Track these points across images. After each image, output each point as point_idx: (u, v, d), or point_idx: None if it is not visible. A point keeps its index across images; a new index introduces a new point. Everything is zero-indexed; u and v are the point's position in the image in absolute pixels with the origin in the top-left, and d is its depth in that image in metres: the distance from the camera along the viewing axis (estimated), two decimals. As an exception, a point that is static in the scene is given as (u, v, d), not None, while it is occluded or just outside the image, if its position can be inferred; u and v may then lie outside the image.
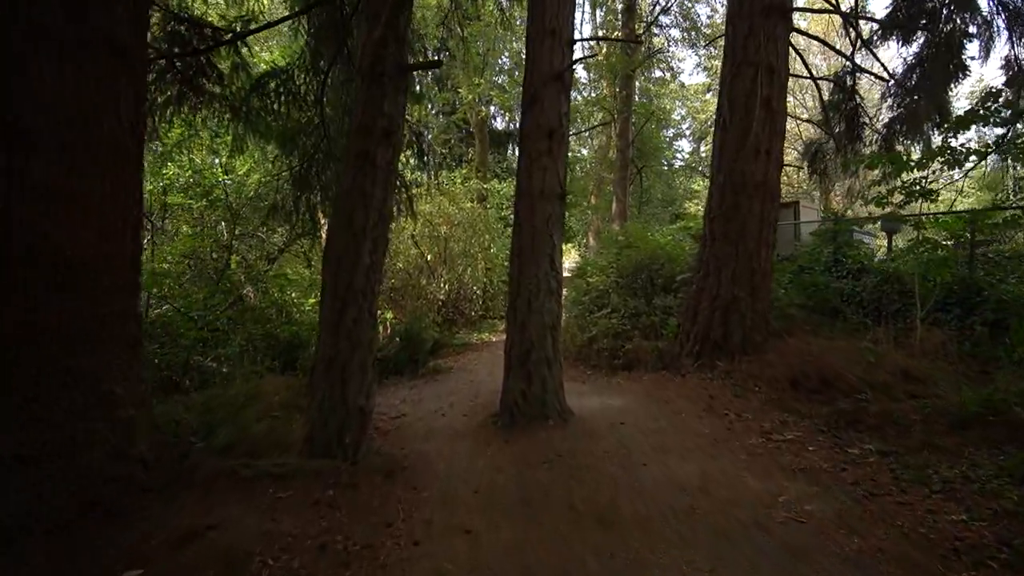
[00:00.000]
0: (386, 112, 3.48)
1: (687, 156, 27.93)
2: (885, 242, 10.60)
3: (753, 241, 6.28)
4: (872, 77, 10.06)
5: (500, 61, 16.09)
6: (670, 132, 25.00)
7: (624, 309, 8.10)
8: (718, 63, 27.85)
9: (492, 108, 18.80)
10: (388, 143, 3.50)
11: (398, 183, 6.84)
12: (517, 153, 4.44)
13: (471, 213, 11.21)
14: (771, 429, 4.39)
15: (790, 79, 7.12)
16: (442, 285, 11.10)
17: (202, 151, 8.24)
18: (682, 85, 22.92)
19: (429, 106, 17.37)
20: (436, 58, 7.65)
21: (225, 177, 8.17)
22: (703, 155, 25.40)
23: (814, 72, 9.53)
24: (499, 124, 23.71)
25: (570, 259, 27.21)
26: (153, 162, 9.24)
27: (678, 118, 24.27)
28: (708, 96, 25.72)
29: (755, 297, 6.28)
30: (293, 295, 9.01)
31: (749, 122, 6.23)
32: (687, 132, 28.56)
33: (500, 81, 15.88)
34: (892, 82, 9.94)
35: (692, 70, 44.24)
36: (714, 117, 7.11)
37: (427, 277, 11.46)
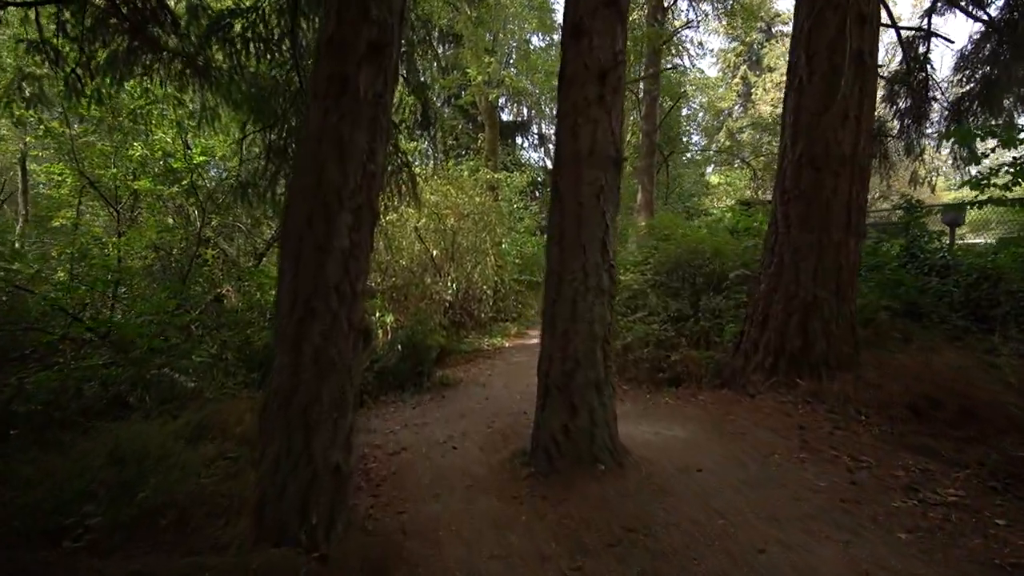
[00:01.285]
0: (374, 16, 2.28)
1: (698, 151, 26.58)
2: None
3: (839, 229, 5.03)
4: (944, 43, 8.78)
5: (512, 42, 14.90)
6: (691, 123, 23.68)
7: (664, 312, 6.87)
8: (731, 55, 26.59)
9: (501, 95, 17.60)
10: (376, 63, 2.30)
11: (399, 156, 5.65)
12: (556, 110, 3.22)
13: (482, 204, 10.01)
14: (914, 482, 3.15)
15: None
16: (450, 284, 9.89)
17: (171, 127, 7.07)
18: (701, 72, 21.59)
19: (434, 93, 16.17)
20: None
21: (200, 157, 6.99)
22: (714, 149, 24.07)
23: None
24: (506, 116, 22.55)
25: None
26: (121, 141, 8.09)
27: (696, 107, 22.95)
28: (721, 90, 24.44)
29: (841, 298, 5.03)
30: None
31: (835, 81, 4.99)
32: (700, 123, 27.16)
33: (511, 62, 14.67)
34: (965, 50, 8.68)
35: (710, 63, 43.03)
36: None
37: (433, 275, 10.25)
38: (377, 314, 8.82)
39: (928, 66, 8.20)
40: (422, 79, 5.59)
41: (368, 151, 2.29)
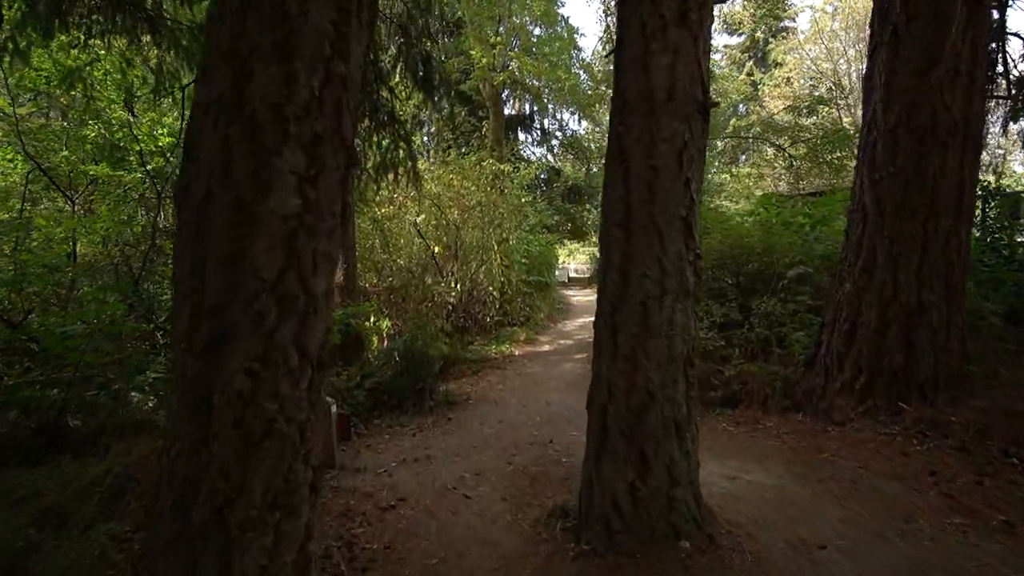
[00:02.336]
0: None
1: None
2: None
3: (948, 215, 4.01)
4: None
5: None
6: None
7: (708, 317, 5.84)
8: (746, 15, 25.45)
9: (504, 88, 16.54)
10: None
11: (395, 128, 4.63)
12: (616, 46, 2.16)
13: (488, 195, 8.96)
14: None
15: None
16: (453, 285, 8.85)
17: (119, 95, 5.99)
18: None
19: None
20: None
21: (166, 139, 5.93)
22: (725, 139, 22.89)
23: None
24: (507, 110, 21.52)
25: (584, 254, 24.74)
26: (75, 119, 7.02)
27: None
28: (732, 83, 23.39)
29: (951, 303, 4.01)
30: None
31: (941, 28, 3.97)
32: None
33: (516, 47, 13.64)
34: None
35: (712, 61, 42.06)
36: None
37: (434, 275, 9.21)
38: (372, 319, 7.78)
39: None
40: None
41: (335, 38, 1.26)
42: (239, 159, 1.17)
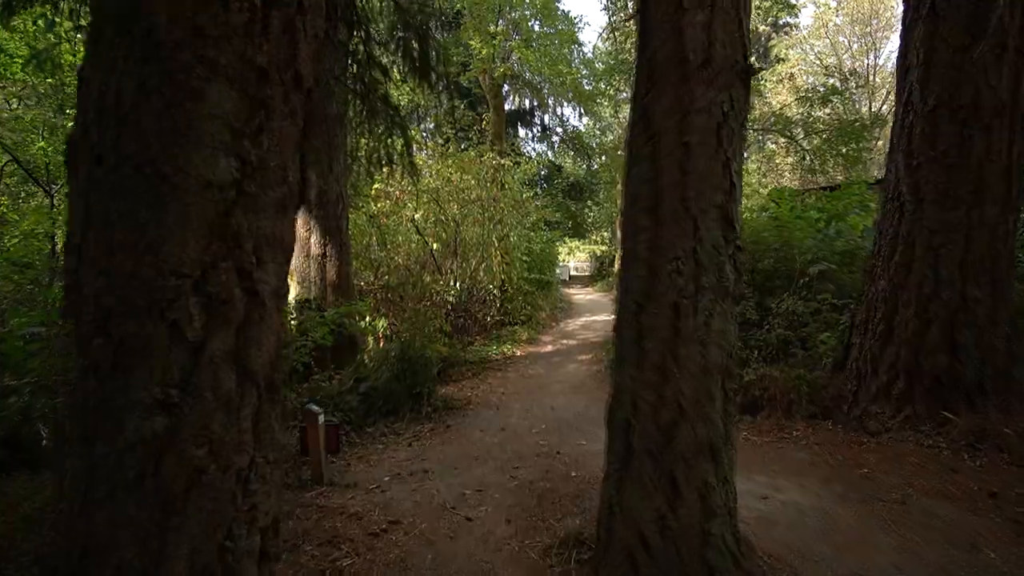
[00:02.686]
0: None
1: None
2: None
3: (995, 203, 3.66)
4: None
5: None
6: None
7: None
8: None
9: (504, 83, 16.13)
10: None
11: (389, 113, 4.29)
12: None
13: (488, 190, 8.60)
14: None
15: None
16: (452, 283, 8.49)
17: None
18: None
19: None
20: None
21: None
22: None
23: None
24: (507, 105, 21.13)
25: (588, 252, 24.28)
26: (52, 108, 6.68)
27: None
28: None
29: (998, 299, 3.66)
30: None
31: (988, 1, 3.62)
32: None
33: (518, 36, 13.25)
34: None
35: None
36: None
37: (432, 273, 8.85)
38: (367, 319, 7.43)
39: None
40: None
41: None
42: (145, 102, 0.82)
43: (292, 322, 6.13)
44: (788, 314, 5.15)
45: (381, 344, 7.06)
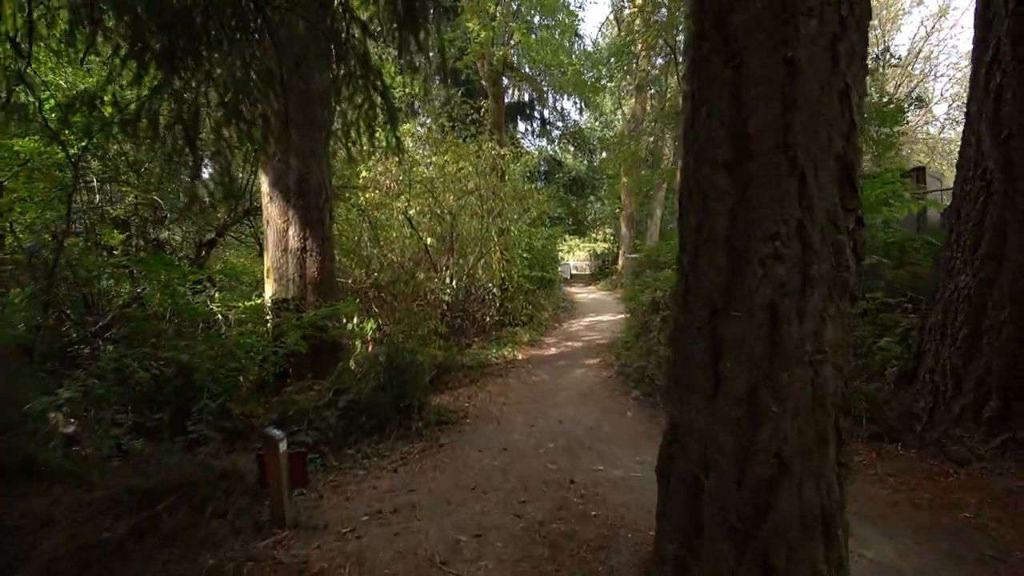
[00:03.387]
0: None
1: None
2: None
3: (1107, 183, 2.99)
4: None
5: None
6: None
7: None
8: None
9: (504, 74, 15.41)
10: None
11: (372, 80, 3.61)
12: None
13: (487, 179, 7.89)
14: None
15: None
16: (448, 281, 7.81)
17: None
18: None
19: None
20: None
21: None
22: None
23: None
24: (507, 98, 20.44)
25: (590, 250, 23.52)
26: None
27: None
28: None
29: (1110, 299, 2.99)
30: (215, 294, 5.74)
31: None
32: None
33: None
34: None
35: None
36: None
37: (427, 270, 8.17)
38: (354, 321, 6.75)
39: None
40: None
41: None
42: None
43: (267, 325, 5.45)
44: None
45: (370, 348, 6.38)
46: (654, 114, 11.90)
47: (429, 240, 7.53)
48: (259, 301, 5.78)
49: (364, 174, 7.00)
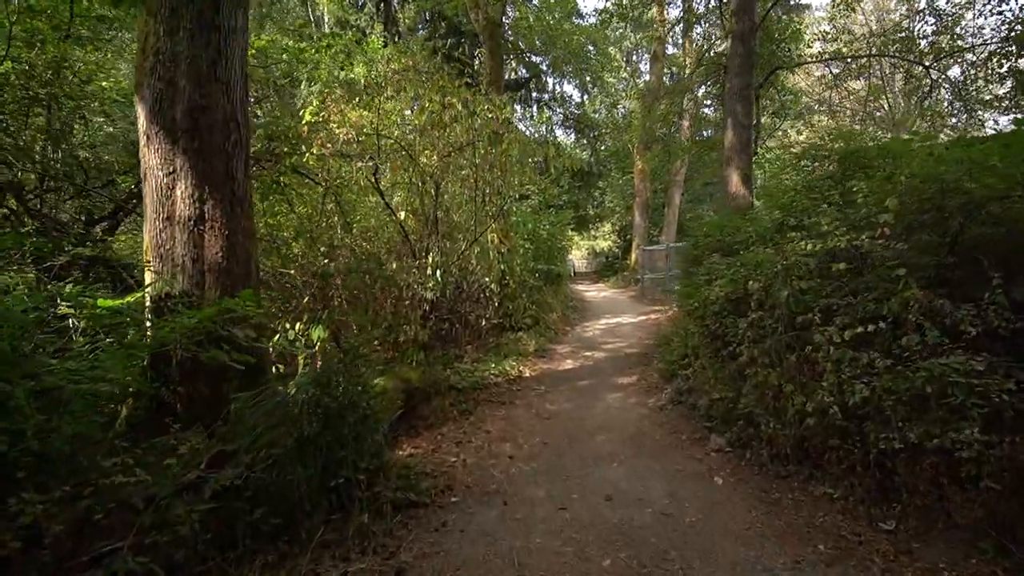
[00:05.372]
0: None
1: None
2: None
3: None
4: None
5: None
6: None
7: (932, 322, 2.80)
8: None
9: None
10: None
11: None
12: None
13: (480, 134, 5.82)
14: None
15: None
16: (431, 272, 5.74)
17: None
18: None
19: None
20: None
21: None
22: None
23: None
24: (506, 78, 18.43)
25: (596, 245, 21.12)
26: None
27: None
28: None
29: None
30: (69, 288, 3.64)
31: None
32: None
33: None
34: None
35: None
36: None
37: (403, 258, 6.12)
38: (287, 327, 4.69)
39: None
40: None
41: None
42: None
43: (146, 335, 3.40)
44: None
45: (319, 367, 4.31)
46: (692, 68, 9.73)
47: (402, 215, 5.49)
48: (131, 299, 3.69)
49: (308, 119, 4.95)
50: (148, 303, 3.48)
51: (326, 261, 5.07)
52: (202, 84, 3.57)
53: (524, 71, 19.74)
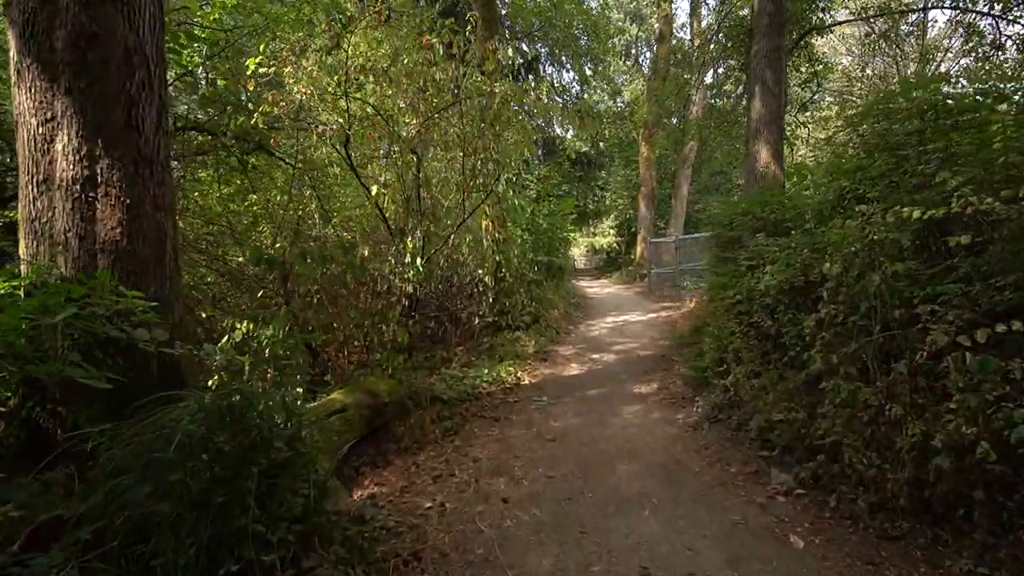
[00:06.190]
0: None
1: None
2: None
3: None
4: None
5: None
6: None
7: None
8: None
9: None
10: None
11: None
12: None
13: (475, 125, 4.83)
14: None
15: None
16: (412, 259, 4.76)
17: None
18: None
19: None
20: None
21: None
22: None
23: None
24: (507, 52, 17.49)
25: (600, 241, 20.14)
26: None
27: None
28: None
29: None
30: None
31: None
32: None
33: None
34: None
35: None
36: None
37: (379, 245, 5.16)
38: (240, 326, 3.74)
39: None
40: None
41: None
42: None
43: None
44: None
45: (269, 378, 3.35)
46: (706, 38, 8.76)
47: (375, 190, 4.53)
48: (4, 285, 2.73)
49: (253, 68, 3.98)
50: (20, 291, 2.52)
51: (277, 245, 4.11)
52: (91, 3, 2.60)
53: (520, 59, 18.78)
